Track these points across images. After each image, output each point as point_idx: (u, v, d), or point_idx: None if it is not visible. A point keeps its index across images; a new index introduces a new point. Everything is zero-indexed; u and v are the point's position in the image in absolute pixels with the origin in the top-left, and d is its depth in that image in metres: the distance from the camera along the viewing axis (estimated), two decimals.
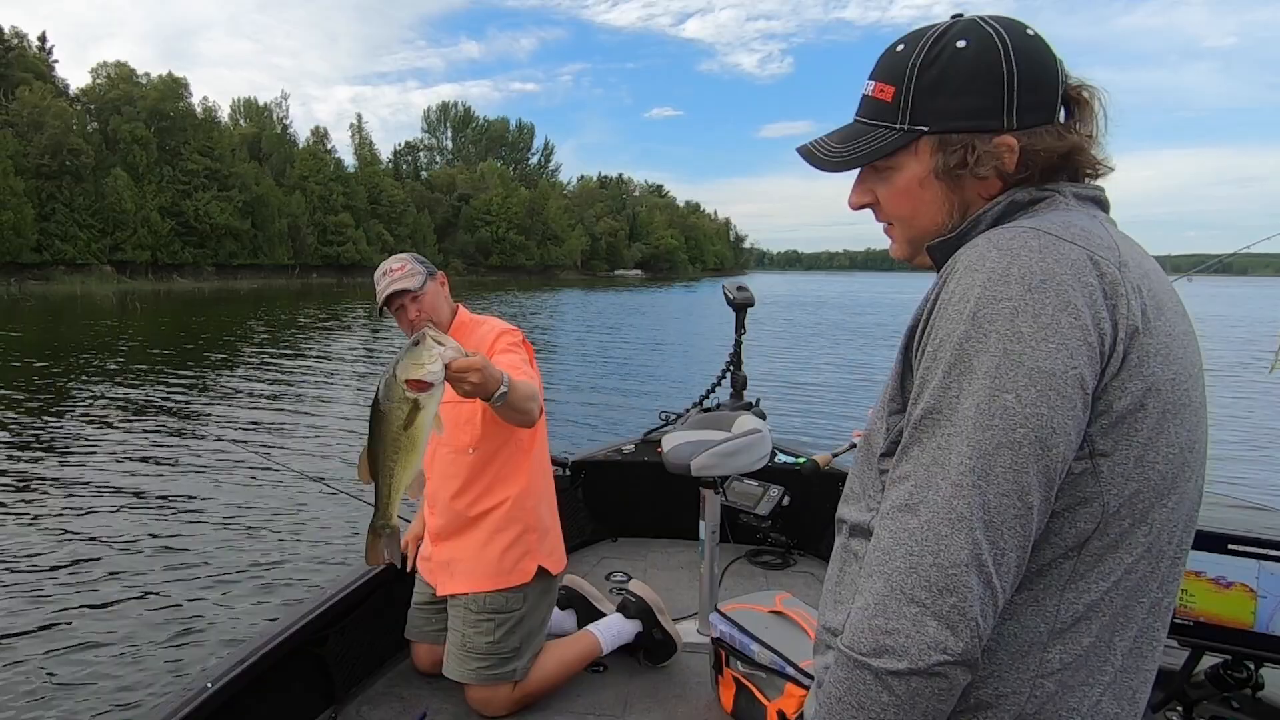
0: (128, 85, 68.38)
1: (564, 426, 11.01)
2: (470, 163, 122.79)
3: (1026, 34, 1.08)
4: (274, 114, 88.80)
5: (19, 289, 53.31)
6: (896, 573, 0.95)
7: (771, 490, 3.53)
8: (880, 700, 0.94)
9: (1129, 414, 0.96)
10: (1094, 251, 0.97)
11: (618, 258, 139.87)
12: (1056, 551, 0.99)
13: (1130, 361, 0.95)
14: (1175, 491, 1.01)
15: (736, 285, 4.57)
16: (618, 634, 3.20)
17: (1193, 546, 1.72)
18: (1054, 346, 0.92)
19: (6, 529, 6.79)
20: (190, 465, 8.85)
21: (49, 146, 59.15)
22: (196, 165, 69.55)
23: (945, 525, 0.93)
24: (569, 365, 19.19)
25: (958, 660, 0.92)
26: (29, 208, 57.43)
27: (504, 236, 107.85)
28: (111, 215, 62.99)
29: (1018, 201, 1.08)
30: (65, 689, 4.34)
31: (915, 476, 0.97)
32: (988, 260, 0.98)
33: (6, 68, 63.15)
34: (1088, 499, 0.97)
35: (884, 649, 0.93)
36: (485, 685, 2.84)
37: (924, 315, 1.03)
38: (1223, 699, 1.91)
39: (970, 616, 0.91)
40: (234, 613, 5.29)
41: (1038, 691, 1.01)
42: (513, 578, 2.89)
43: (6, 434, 10.28)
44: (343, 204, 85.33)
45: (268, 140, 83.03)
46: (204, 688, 2.30)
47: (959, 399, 0.95)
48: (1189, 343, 1.04)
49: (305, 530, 6.76)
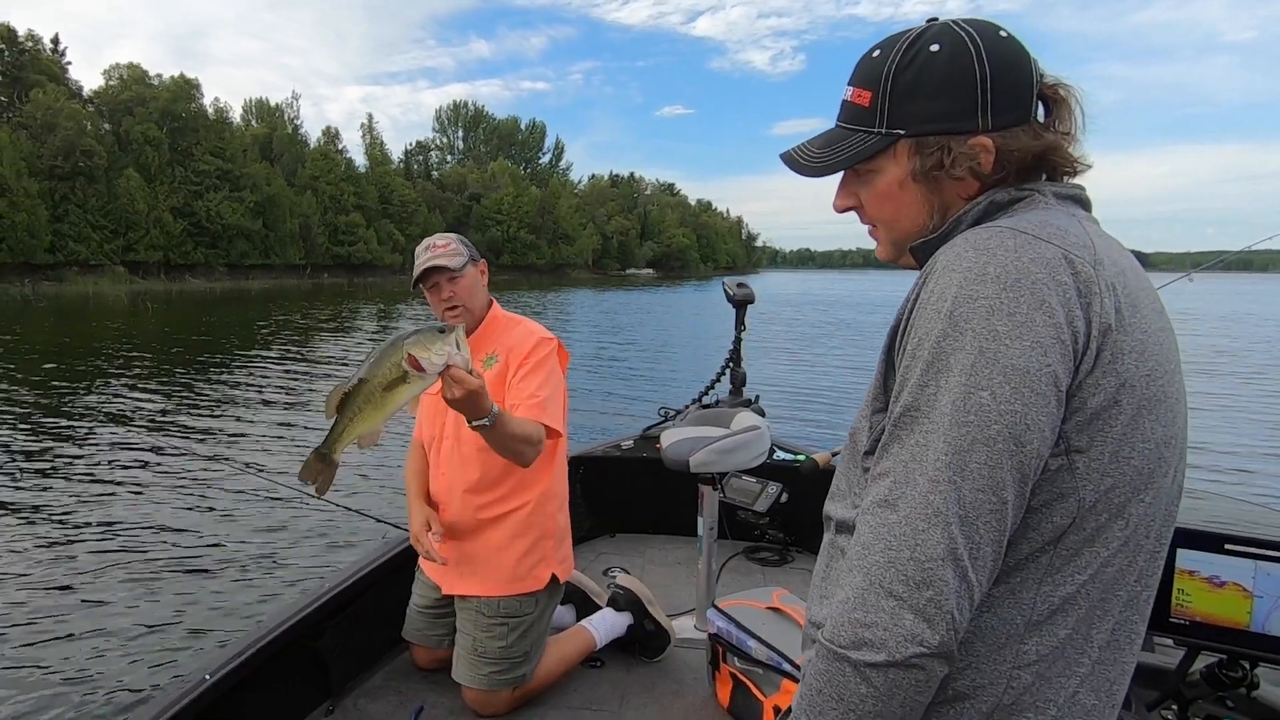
0: (140, 86, 68.72)
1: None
2: (481, 162, 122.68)
3: (999, 36, 1.10)
4: (285, 114, 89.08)
5: (32, 290, 53.67)
6: (875, 567, 0.96)
7: (770, 487, 3.53)
8: (859, 692, 0.96)
9: (1104, 410, 0.97)
10: (1069, 250, 0.99)
11: (629, 257, 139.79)
12: (1033, 546, 1.00)
13: (1104, 359, 0.97)
14: (1152, 486, 1.02)
15: (736, 282, 4.58)
16: (610, 627, 3.21)
17: (1190, 546, 1.80)
18: (1028, 344, 0.94)
19: (8, 529, 6.82)
20: (194, 466, 8.84)
21: (62, 148, 59.46)
22: (208, 166, 69.87)
23: (922, 520, 0.94)
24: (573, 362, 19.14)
25: (934, 652, 0.93)
26: (43, 209, 57.74)
27: (515, 236, 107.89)
28: (124, 216, 63.32)
29: (997, 201, 1.09)
30: (63, 683, 4.35)
31: (894, 473, 0.99)
32: (964, 260, 1.00)
33: (20, 70, 63.61)
34: (1064, 494, 0.99)
35: (862, 641, 0.95)
36: (494, 690, 2.83)
37: (905, 315, 1.05)
38: (1218, 698, 1.90)
39: (946, 609, 0.93)
40: (233, 607, 5.31)
41: (1014, 683, 1.02)
42: (527, 584, 2.87)
43: (7, 434, 10.31)
44: (354, 204, 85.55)
45: (279, 140, 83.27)
46: (202, 680, 2.31)
47: (936, 396, 0.97)
48: (1165, 339, 1.05)
49: (308, 532, 6.75)
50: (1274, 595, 1.73)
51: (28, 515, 7.16)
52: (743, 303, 4.56)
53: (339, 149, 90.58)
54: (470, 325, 2.89)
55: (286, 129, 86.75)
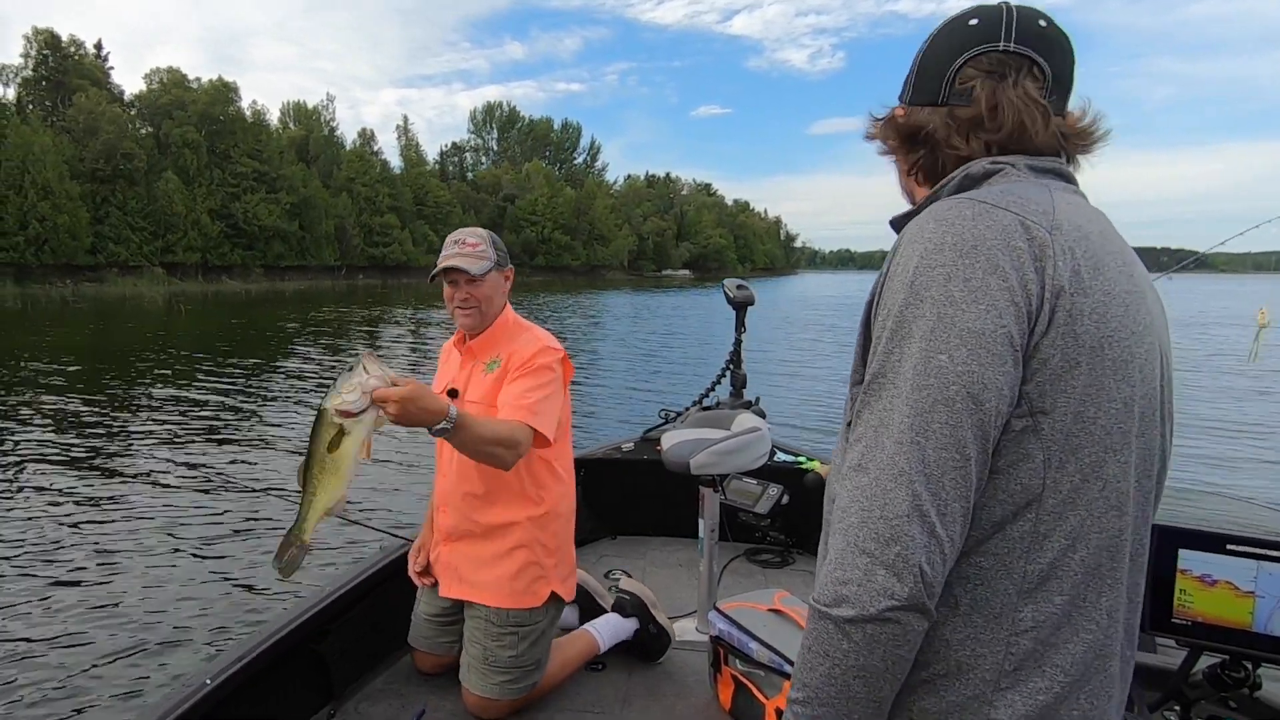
0: (179, 90, 69.86)
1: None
2: (516, 163, 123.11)
3: (960, 22, 1.21)
4: (321, 117, 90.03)
5: (72, 291, 54.57)
6: (851, 528, 1.01)
7: (771, 489, 3.51)
8: (841, 647, 1.00)
9: (1063, 371, 1.02)
10: (1025, 217, 1.04)
11: (665, 257, 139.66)
12: (1007, 508, 1.04)
13: (1058, 320, 1.01)
14: (1126, 447, 1.06)
15: (736, 284, 4.58)
16: (615, 632, 3.19)
17: (1191, 546, 1.78)
18: (983, 309, 0.99)
19: (11, 527, 6.92)
20: (198, 467, 8.94)
21: (103, 151, 60.56)
22: (245, 168, 70.83)
23: (889, 480, 0.99)
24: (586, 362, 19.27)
25: (905, 605, 0.97)
26: (84, 211, 58.84)
27: (550, 237, 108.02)
28: (163, 218, 64.31)
29: (972, 175, 1.15)
30: (63, 687, 4.37)
31: (865, 438, 1.04)
32: (925, 231, 1.06)
33: (64, 75, 64.74)
34: (1029, 454, 1.03)
35: (841, 599, 1.00)
36: (504, 699, 2.80)
37: (878, 288, 1.11)
38: (1220, 699, 1.89)
39: (913, 563, 0.97)
40: (234, 611, 5.33)
41: (1014, 649, 1.06)
42: (524, 599, 2.83)
43: (16, 437, 10.44)
44: (389, 205, 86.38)
45: (315, 142, 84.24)
46: (203, 684, 2.31)
47: (900, 362, 1.02)
48: (1133, 301, 1.09)
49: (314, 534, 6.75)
50: (1276, 595, 1.72)
51: (28, 516, 7.26)
52: (742, 304, 4.56)
53: (374, 151, 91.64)
54: (480, 326, 2.89)
55: (322, 131, 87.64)
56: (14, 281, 54.82)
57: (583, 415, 11.79)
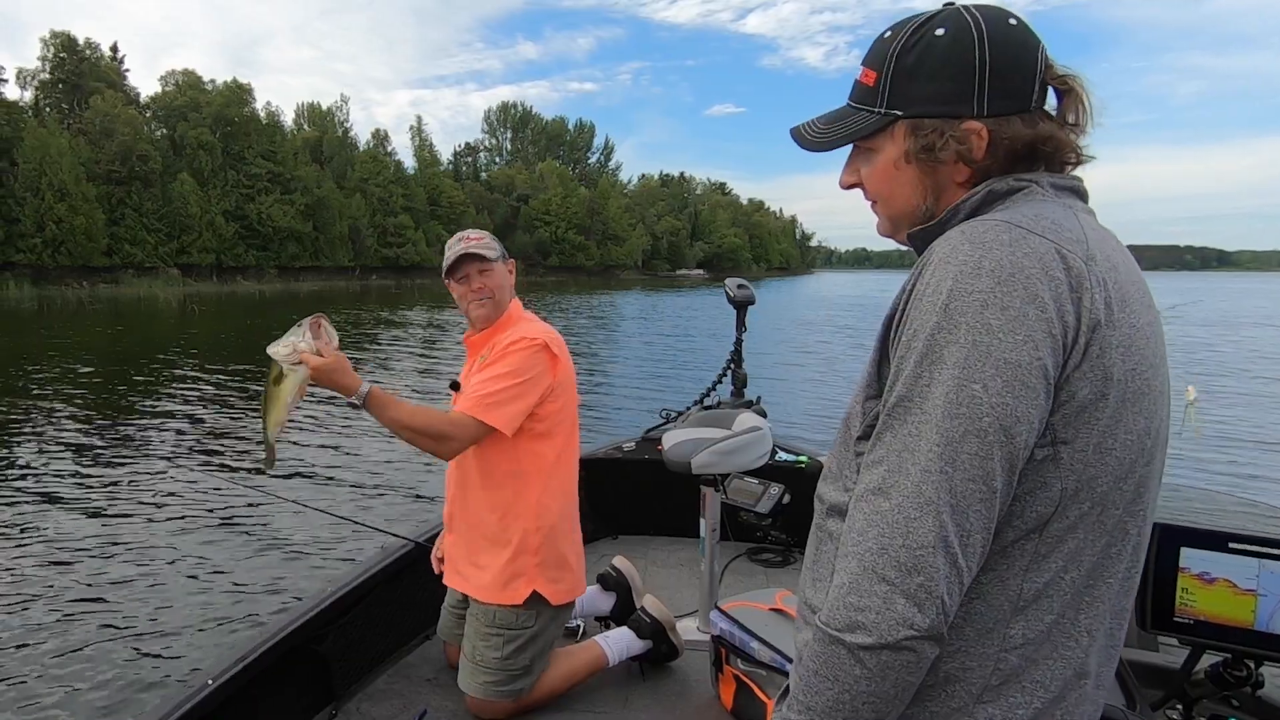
0: (195, 92, 70.40)
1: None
2: (529, 163, 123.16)
3: (1008, 23, 1.11)
4: (335, 118, 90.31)
5: (88, 292, 54.92)
6: (869, 554, 0.99)
7: (772, 488, 3.49)
8: (853, 673, 0.99)
9: (1090, 404, 1.00)
10: (1061, 245, 1.01)
11: (679, 257, 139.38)
12: (1018, 533, 1.03)
13: (1091, 354, 0.99)
14: (1133, 475, 1.05)
15: (737, 284, 4.58)
16: (625, 649, 3.14)
17: (1194, 545, 1.77)
18: (1020, 339, 0.96)
19: (20, 526, 6.96)
20: (196, 470, 8.96)
21: (119, 153, 61.09)
22: (260, 169, 71.30)
23: (914, 509, 0.97)
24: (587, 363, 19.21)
25: (924, 635, 0.97)
26: (100, 213, 59.37)
27: (563, 237, 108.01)
28: (178, 219, 64.87)
29: (995, 191, 1.11)
30: (64, 689, 4.38)
31: (888, 461, 1.01)
32: (960, 253, 1.02)
33: (80, 77, 65.26)
34: (1047, 483, 1.02)
35: (856, 625, 0.98)
36: (490, 700, 2.80)
37: (901, 305, 1.08)
38: (1223, 697, 1.89)
39: (936, 594, 0.96)
40: (235, 612, 5.35)
41: (1002, 665, 1.06)
42: (501, 595, 2.82)
43: (18, 439, 10.50)
44: (402, 206, 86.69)
45: (329, 144, 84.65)
46: (204, 685, 2.32)
47: (930, 388, 0.99)
48: (1152, 334, 1.07)
49: (315, 534, 6.79)
50: (1278, 594, 1.71)
51: (30, 515, 7.30)
52: (743, 304, 4.56)
53: (388, 151, 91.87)
54: (494, 316, 2.91)
55: (336, 132, 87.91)
56: (31, 283, 55.39)
57: (584, 415, 11.69)
